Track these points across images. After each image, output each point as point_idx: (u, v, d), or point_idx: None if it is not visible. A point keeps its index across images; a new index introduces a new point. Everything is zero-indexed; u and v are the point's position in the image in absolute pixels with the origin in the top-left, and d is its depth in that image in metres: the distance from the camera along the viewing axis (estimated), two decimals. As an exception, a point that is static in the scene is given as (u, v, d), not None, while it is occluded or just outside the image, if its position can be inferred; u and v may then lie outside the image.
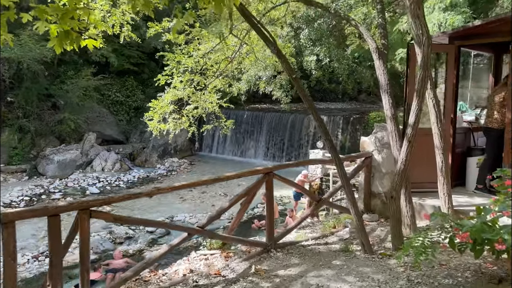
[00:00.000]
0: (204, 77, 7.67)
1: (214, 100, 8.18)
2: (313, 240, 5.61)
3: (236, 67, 8.02)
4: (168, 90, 7.32)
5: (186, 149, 24.24)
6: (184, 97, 7.37)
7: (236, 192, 16.10)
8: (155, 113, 7.18)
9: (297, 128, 21.80)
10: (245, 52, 7.53)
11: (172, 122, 7.31)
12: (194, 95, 7.44)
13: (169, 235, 11.61)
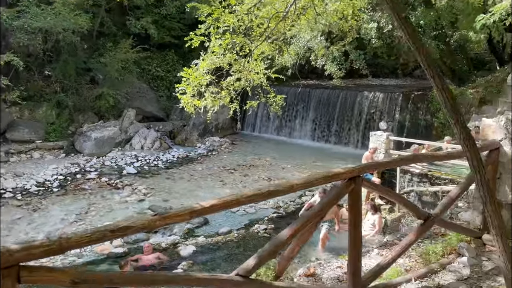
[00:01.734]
0: (249, 39, 6.08)
1: (260, 70, 6.61)
2: (419, 281, 3.74)
3: (289, 28, 6.35)
4: (204, 57, 5.81)
5: (227, 127, 22.97)
6: (224, 65, 5.83)
7: (281, 175, 14.76)
8: (188, 86, 5.72)
9: (348, 106, 19.78)
10: (301, 7, 5.84)
11: (210, 97, 5.82)
12: (237, 63, 5.90)
13: (207, 225, 10.38)
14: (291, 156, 17.50)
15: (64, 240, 1.75)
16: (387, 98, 18.88)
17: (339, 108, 19.91)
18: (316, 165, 16.09)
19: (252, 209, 11.34)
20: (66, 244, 1.76)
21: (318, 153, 18.17)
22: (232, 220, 10.73)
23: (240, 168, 15.67)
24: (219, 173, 15.08)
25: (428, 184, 9.41)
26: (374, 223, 9.06)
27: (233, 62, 5.94)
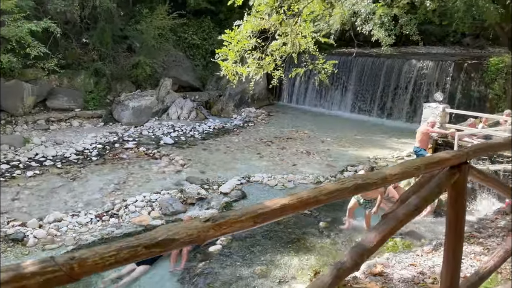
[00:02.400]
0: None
1: (309, 33, 5.93)
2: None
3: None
4: (248, 18, 5.20)
5: (263, 98, 22.35)
6: (269, 27, 5.20)
7: (321, 149, 14.12)
8: (229, 51, 5.15)
9: (393, 76, 18.58)
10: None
11: (253, 63, 5.24)
12: (283, 24, 5.23)
13: (245, 199, 10.03)
14: (330, 129, 16.77)
15: (77, 263, 1.13)
16: (437, 67, 17.55)
17: (383, 78, 18.75)
18: (357, 139, 15.31)
19: (291, 184, 10.86)
20: (79, 270, 1.11)
21: (359, 126, 17.31)
22: (270, 195, 10.30)
23: (277, 141, 15.15)
24: (255, 145, 14.64)
25: (488, 162, 8.55)
26: (426, 203, 8.38)
27: (280, 24, 5.29)
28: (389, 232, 2.04)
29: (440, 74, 17.39)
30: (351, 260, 1.84)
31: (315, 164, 12.50)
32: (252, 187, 10.78)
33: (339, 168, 12.12)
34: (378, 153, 13.50)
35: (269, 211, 1.57)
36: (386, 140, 15.15)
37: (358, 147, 14.26)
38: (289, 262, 6.93)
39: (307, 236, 7.86)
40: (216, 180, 11.20)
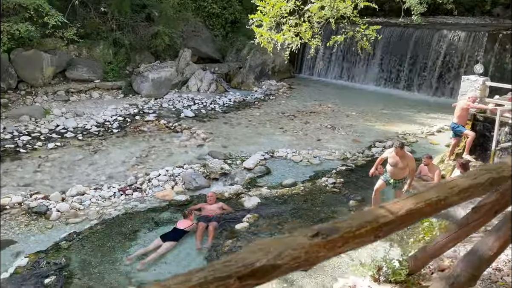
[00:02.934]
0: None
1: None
2: None
3: None
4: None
5: (284, 70, 21.71)
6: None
7: (346, 123, 13.59)
8: (264, 16, 4.69)
9: (423, 47, 17.69)
10: None
11: (289, 30, 4.78)
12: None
13: (270, 175, 9.72)
14: (355, 103, 16.18)
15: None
16: (470, 38, 16.61)
17: (411, 50, 17.89)
18: (384, 113, 14.74)
19: (316, 160, 10.50)
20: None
21: (386, 99, 16.67)
22: (295, 171, 9.99)
23: (299, 115, 14.69)
24: (278, 119, 14.22)
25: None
26: (462, 182, 7.91)
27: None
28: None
29: (472, 46, 16.47)
30: (467, 273, 1.47)
31: (341, 139, 12.06)
32: (276, 162, 10.45)
33: (366, 144, 11.67)
34: (407, 128, 12.95)
35: (393, 220, 1.20)
36: (414, 115, 14.54)
37: (385, 122, 13.72)
38: (320, 242, 6.65)
39: (337, 214, 7.55)
40: (239, 155, 10.90)
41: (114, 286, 5.94)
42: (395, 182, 7.34)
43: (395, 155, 7.13)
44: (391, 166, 7.23)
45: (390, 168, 7.26)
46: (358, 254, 6.44)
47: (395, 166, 7.15)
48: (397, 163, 7.11)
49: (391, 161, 7.21)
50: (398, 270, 2.31)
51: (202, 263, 6.39)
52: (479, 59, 16.24)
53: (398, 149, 7.06)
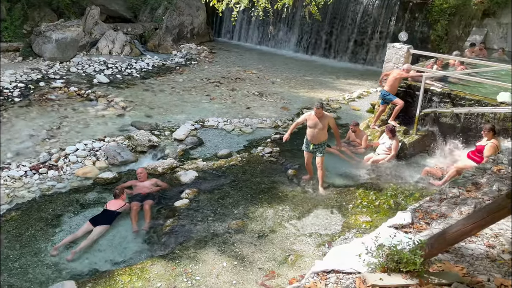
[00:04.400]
0: None
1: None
2: None
3: None
4: None
5: (203, 33, 20.80)
6: None
7: (272, 90, 13.47)
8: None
9: (339, 14, 18.02)
10: None
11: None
12: None
13: (203, 146, 9.27)
14: (277, 69, 16.13)
15: None
16: (383, 5, 17.30)
17: (329, 16, 18.14)
18: (306, 80, 14.91)
19: (249, 128, 10.26)
20: None
21: (306, 66, 16.88)
22: (228, 140, 9.65)
23: (225, 81, 14.21)
24: (203, 86, 13.60)
25: (450, 105, 8.60)
26: (391, 147, 8.33)
27: None
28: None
29: (385, 13, 17.21)
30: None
31: (270, 106, 11.93)
32: (208, 132, 10.00)
33: (294, 111, 11.70)
34: (330, 94, 13.27)
35: None
36: (334, 81, 14.94)
37: (309, 88, 13.89)
38: (264, 214, 6.52)
39: (277, 185, 7.45)
40: (167, 125, 10.22)
41: (41, 280, 5.19)
42: (314, 146, 7.25)
43: (314, 116, 7.06)
44: (310, 128, 7.15)
45: (310, 130, 7.18)
46: (302, 224, 6.47)
47: (315, 127, 7.09)
48: (317, 124, 7.06)
49: (310, 123, 7.13)
50: (411, 259, 2.18)
51: (142, 246, 5.87)
52: (391, 26, 17.09)
53: (318, 109, 6.97)
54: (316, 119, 7.04)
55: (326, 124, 7.15)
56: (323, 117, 7.07)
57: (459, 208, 3.44)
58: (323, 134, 7.20)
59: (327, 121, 7.14)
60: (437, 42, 16.18)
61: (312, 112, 7.16)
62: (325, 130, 7.20)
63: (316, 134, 7.13)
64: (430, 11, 16.26)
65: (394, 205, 6.79)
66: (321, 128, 7.11)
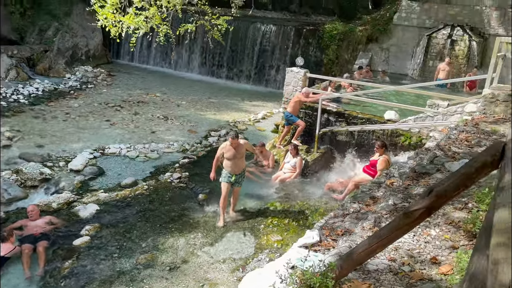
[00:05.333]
0: None
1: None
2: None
3: None
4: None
5: (100, 55, 19.84)
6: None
7: (178, 114, 13.26)
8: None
9: (240, 39, 18.62)
10: None
11: (138, 14, 4.14)
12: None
13: (104, 176, 8.67)
14: (182, 91, 15.97)
15: None
16: (280, 31, 18.29)
17: (230, 41, 18.61)
18: (212, 102, 14.97)
19: (155, 154, 9.89)
20: None
21: (211, 88, 16.98)
22: (133, 168, 9.18)
23: (127, 105, 13.62)
24: (102, 111, 12.85)
25: (345, 124, 9.28)
26: (295, 165, 8.67)
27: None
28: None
29: (282, 39, 18.19)
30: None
31: (176, 130, 11.68)
32: (109, 160, 9.41)
33: (202, 133, 11.62)
34: (236, 116, 13.47)
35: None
36: (239, 103, 15.23)
37: (215, 110, 13.95)
38: (175, 244, 6.26)
39: (188, 211, 7.24)
40: (62, 155, 9.39)
41: None
42: (236, 177, 6.94)
43: (230, 147, 6.77)
44: (229, 161, 6.86)
45: (229, 162, 6.87)
46: (215, 250, 6.35)
47: (234, 158, 6.84)
48: (235, 154, 6.81)
49: (228, 154, 6.83)
50: (324, 283, 2.21)
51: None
52: (288, 51, 18.11)
53: (234, 139, 6.72)
54: (233, 150, 6.78)
55: (244, 152, 6.96)
56: (240, 146, 6.85)
57: (361, 223, 3.66)
58: (242, 162, 7.05)
59: (244, 148, 6.96)
60: (330, 65, 17.50)
61: (227, 143, 6.85)
62: (243, 158, 7.07)
63: (236, 164, 6.88)
64: (322, 37, 17.58)
65: (302, 222, 7.02)
66: (240, 157, 6.91)
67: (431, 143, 6.31)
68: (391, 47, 15.86)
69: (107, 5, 4.02)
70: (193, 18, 5.41)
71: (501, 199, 1.12)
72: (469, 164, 1.81)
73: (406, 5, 15.10)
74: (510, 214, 1.02)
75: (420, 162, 4.93)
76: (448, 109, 7.92)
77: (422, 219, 1.91)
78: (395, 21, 15.55)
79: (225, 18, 5.71)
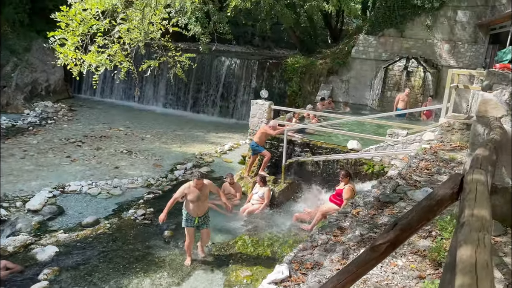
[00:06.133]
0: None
1: (157, 20, 5.12)
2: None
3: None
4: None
5: (61, 90, 19.44)
6: (118, 7, 4.18)
7: (143, 148, 13.03)
8: (68, 33, 3.88)
9: (205, 72, 18.82)
10: None
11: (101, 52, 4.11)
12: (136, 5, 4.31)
13: (63, 215, 8.28)
14: (147, 125, 15.78)
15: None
16: (244, 65, 18.65)
17: (195, 74, 18.75)
18: (178, 135, 14.86)
19: (118, 190, 9.59)
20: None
21: (176, 121, 16.90)
22: (95, 206, 8.84)
23: (88, 140, 13.26)
24: (62, 147, 12.44)
25: (310, 154, 9.42)
26: (263, 196, 8.65)
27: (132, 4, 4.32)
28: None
29: (246, 72, 18.54)
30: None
31: (140, 164, 11.44)
32: (70, 198, 9.03)
33: (167, 167, 11.43)
34: (202, 148, 13.39)
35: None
36: (205, 135, 15.19)
37: (181, 143, 13.83)
38: (140, 285, 5.99)
39: (153, 250, 6.99)
40: (18, 195, 8.93)
41: None
42: (199, 220, 6.53)
43: (194, 188, 6.32)
44: (192, 203, 6.39)
45: (192, 205, 6.40)
46: None
47: (198, 200, 6.38)
48: (199, 196, 6.37)
49: (191, 196, 6.36)
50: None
51: None
52: (253, 84, 18.43)
53: (199, 180, 6.29)
54: (197, 191, 6.33)
55: (208, 193, 6.57)
56: (204, 187, 6.43)
57: (330, 256, 3.65)
58: (206, 204, 6.64)
59: (208, 189, 6.55)
60: (293, 96, 17.91)
61: (191, 183, 6.41)
62: (207, 199, 6.66)
63: (199, 206, 6.44)
64: (285, 70, 18.05)
65: (272, 255, 6.94)
66: (204, 200, 6.51)
67: (393, 172, 6.49)
68: (350, 79, 16.46)
69: (68, 42, 3.98)
70: (156, 54, 5.44)
71: (462, 236, 1.15)
72: (430, 197, 1.87)
73: (363, 39, 15.83)
74: (473, 252, 1.04)
75: (384, 191, 5.04)
76: (408, 138, 8.23)
77: (388, 253, 1.93)
78: (353, 54, 16.24)
79: (188, 56, 5.75)
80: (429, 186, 4.66)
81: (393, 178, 5.49)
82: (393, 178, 5.48)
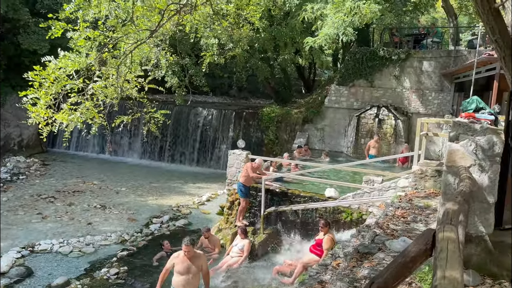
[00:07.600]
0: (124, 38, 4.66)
1: (132, 77, 5.19)
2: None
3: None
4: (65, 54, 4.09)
5: (35, 144, 19.09)
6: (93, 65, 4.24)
7: (117, 201, 12.72)
8: (42, 93, 3.88)
9: (181, 123, 18.94)
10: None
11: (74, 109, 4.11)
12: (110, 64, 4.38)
13: (32, 277, 7.83)
14: (122, 177, 15.51)
15: None
16: (221, 115, 18.89)
17: (172, 124, 18.83)
18: (154, 186, 14.61)
19: (90, 248, 9.21)
20: None
21: (153, 172, 16.69)
22: (65, 266, 8.42)
23: (61, 196, 12.87)
24: (33, 203, 12.00)
25: (288, 203, 9.37)
26: (243, 248, 8.45)
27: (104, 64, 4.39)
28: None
29: (223, 122, 18.75)
30: None
31: (115, 219, 11.09)
32: (39, 258, 8.59)
33: (143, 221, 11.12)
34: (179, 200, 13.15)
35: None
36: (183, 186, 15.00)
37: (158, 195, 13.57)
38: None
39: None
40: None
41: None
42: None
43: (184, 257, 5.44)
44: (181, 275, 5.44)
45: (180, 278, 5.43)
46: None
47: (187, 273, 5.43)
48: (189, 268, 5.44)
49: (180, 267, 5.45)
50: None
51: None
52: (230, 133, 18.60)
53: (188, 246, 5.43)
54: (187, 261, 5.43)
55: (200, 267, 5.58)
56: (196, 257, 5.54)
57: (311, 314, 3.53)
58: (197, 281, 5.57)
59: (201, 262, 5.61)
60: (270, 145, 18.10)
61: (180, 252, 5.55)
62: (199, 275, 5.58)
63: (190, 281, 5.44)
64: (261, 119, 18.36)
65: (253, 312, 6.67)
66: (195, 273, 5.51)
67: (371, 220, 6.49)
68: (325, 127, 16.84)
69: (40, 102, 3.97)
70: (131, 110, 5.47)
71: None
72: (404, 254, 1.87)
73: (334, 90, 16.41)
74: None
75: (363, 241, 5.01)
76: (383, 185, 8.33)
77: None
78: (326, 104, 16.74)
79: (162, 112, 5.81)
80: (406, 235, 4.67)
81: (371, 227, 5.49)
82: (371, 227, 5.48)
